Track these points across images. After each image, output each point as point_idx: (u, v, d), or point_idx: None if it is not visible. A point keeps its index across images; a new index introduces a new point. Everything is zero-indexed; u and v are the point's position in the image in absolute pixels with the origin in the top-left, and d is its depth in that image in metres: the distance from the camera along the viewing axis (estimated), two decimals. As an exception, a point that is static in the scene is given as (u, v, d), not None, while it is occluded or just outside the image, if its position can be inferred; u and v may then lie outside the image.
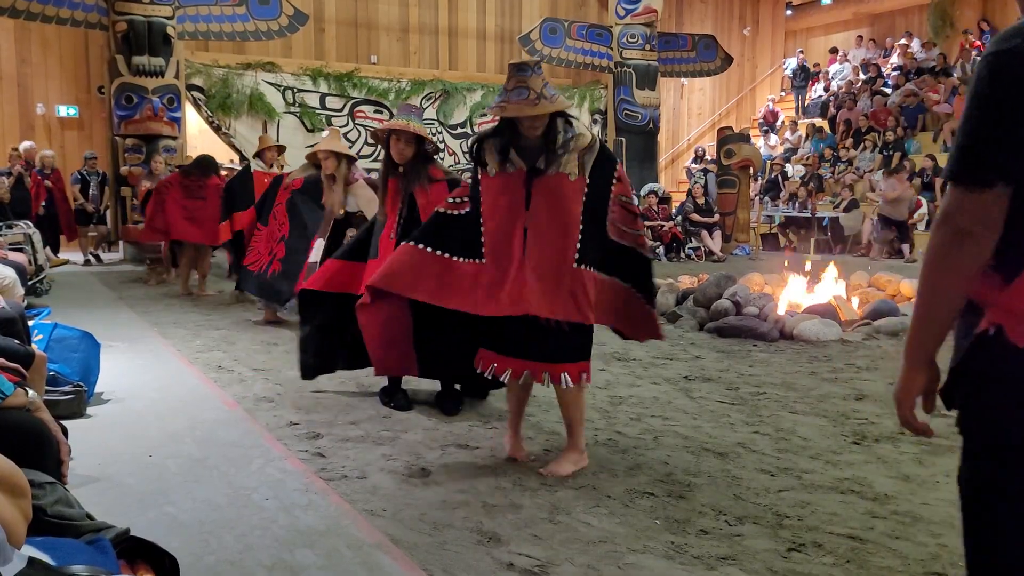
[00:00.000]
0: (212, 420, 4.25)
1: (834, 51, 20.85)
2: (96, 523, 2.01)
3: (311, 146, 12.91)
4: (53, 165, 12.53)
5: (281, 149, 9.67)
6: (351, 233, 6.03)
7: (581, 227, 3.39)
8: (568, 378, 3.39)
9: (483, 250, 3.50)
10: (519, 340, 3.41)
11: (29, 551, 1.52)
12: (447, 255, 3.55)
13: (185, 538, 2.79)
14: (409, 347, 4.04)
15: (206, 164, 9.65)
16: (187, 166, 10.04)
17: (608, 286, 3.48)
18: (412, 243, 3.64)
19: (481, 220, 3.53)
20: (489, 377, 3.52)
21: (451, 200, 3.69)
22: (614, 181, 3.48)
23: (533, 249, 3.38)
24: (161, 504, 3.11)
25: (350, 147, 15.10)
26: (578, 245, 3.38)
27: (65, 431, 3.00)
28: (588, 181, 3.42)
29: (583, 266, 3.38)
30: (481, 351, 3.54)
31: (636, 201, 15.18)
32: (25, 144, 12.77)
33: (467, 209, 3.61)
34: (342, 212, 6.33)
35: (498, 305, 3.38)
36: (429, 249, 3.58)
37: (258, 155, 9.19)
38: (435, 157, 4.69)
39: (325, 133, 7.80)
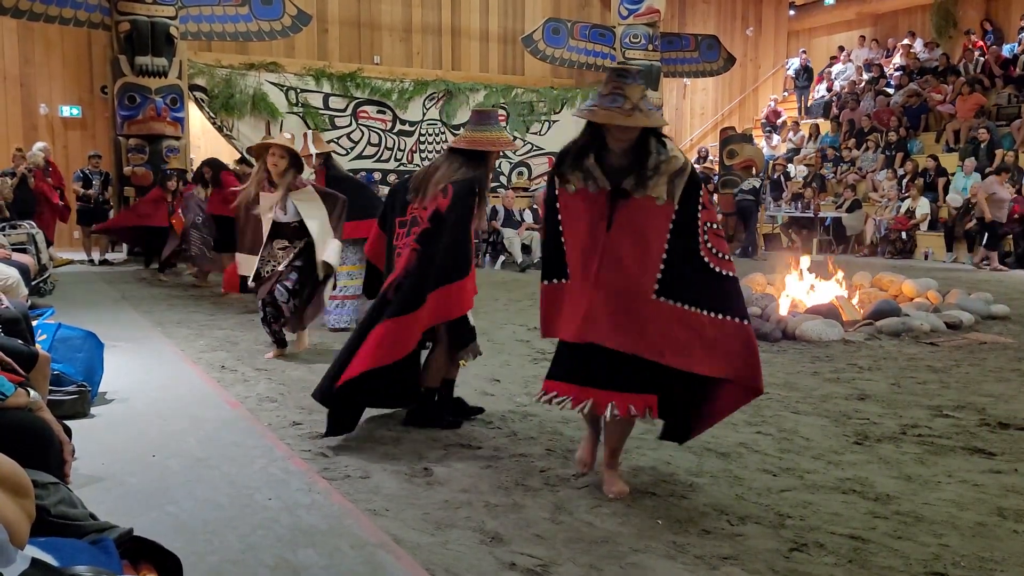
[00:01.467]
0: (215, 420, 4.25)
1: (841, 49, 20.85)
2: (99, 523, 2.02)
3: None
4: (44, 159, 12.44)
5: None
6: (280, 245, 5.78)
7: (664, 256, 3.13)
8: (633, 410, 3.13)
9: (567, 269, 3.29)
10: (584, 366, 3.20)
11: (32, 551, 1.52)
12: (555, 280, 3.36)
13: (188, 538, 2.80)
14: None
15: (215, 168, 9.70)
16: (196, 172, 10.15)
17: (687, 317, 3.14)
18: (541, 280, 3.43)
19: (563, 239, 3.30)
20: (554, 405, 3.29)
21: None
22: (700, 207, 3.18)
23: (609, 275, 3.15)
24: (164, 504, 3.12)
25: (352, 147, 15.16)
26: (659, 275, 3.12)
27: (69, 431, 3.01)
28: (677, 207, 3.13)
29: (662, 298, 3.12)
30: (548, 382, 3.31)
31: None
32: (39, 145, 12.77)
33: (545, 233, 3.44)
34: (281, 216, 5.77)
35: (569, 330, 3.21)
36: (546, 282, 3.40)
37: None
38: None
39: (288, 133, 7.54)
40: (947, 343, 6.55)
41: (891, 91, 18.23)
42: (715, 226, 3.23)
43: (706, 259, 3.15)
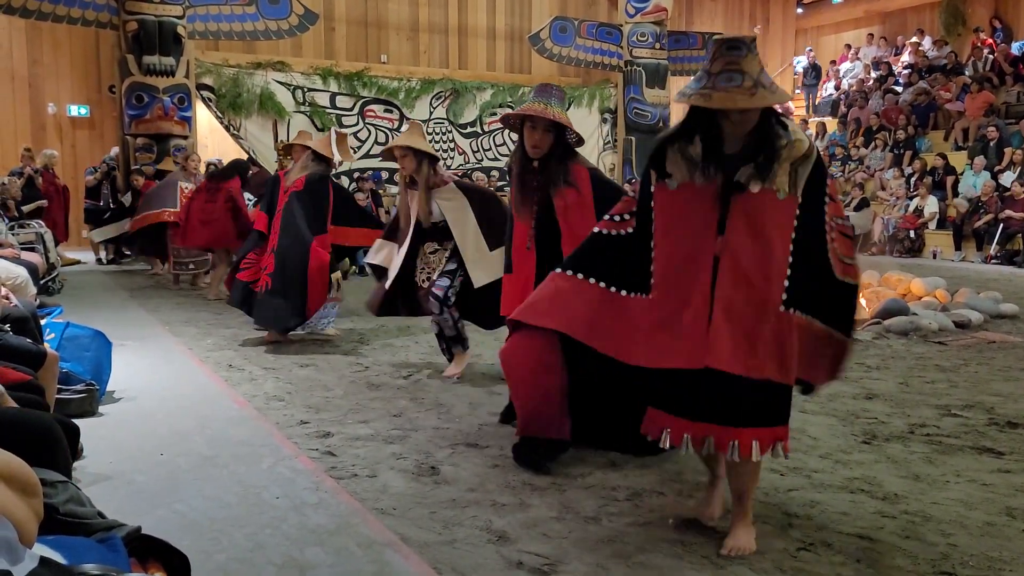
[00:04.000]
0: (223, 418, 4.26)
1: (848, 47, 20.78)
2: (107, 521, 2.02)
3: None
4: (48, 164, 12.48)
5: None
6: (431, 249, 5.20)
7: (791, 260, 2.66)
8: (758, 447, 2.61)
9: (651, 281, 2.80)
10: (699, 397, 2.65)
11: (41, 550, 1.53)
12: (607, 286, 2.90)
13: (195, 536, 2.80)
14: (563, 403, 3.33)
15: (229, 167, 9.57)
16: (217, 171, 10.07)
17: (808, 330, 2.75)
18: (563, 271, 3.02)
19: (652, 243, 2.81)
20: (664, 446, 2.74)
21: (611, 218, 3.01)
22: (827, 199, 2.73)
23: (727, 285, 2.64)
24: (172, 502, 3.12)
25: (359, 146, 15.16)
26: (786, 283, 2.64)
27: (77, 429, 3.02)
28: (800, 200, 2.68)
29: (791, 310, 2.66)
30: (650, 411, 2.79)
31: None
32: (115, 150, 12.83)
33: (631, 228, 2.94)
34: (430, 222, 5.14)
35: (673, 355, 2.67)
36: (581, 276, 2.96)
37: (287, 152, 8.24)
38: (576, 151, 3.94)
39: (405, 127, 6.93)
40: (956, 342, 6.53)
41: (899, 89, 18.17)
42: (841, 221, 2.81)
43: (832, 263, 2.75)
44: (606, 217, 3.03)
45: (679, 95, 2.67)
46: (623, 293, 2.86)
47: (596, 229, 3.03)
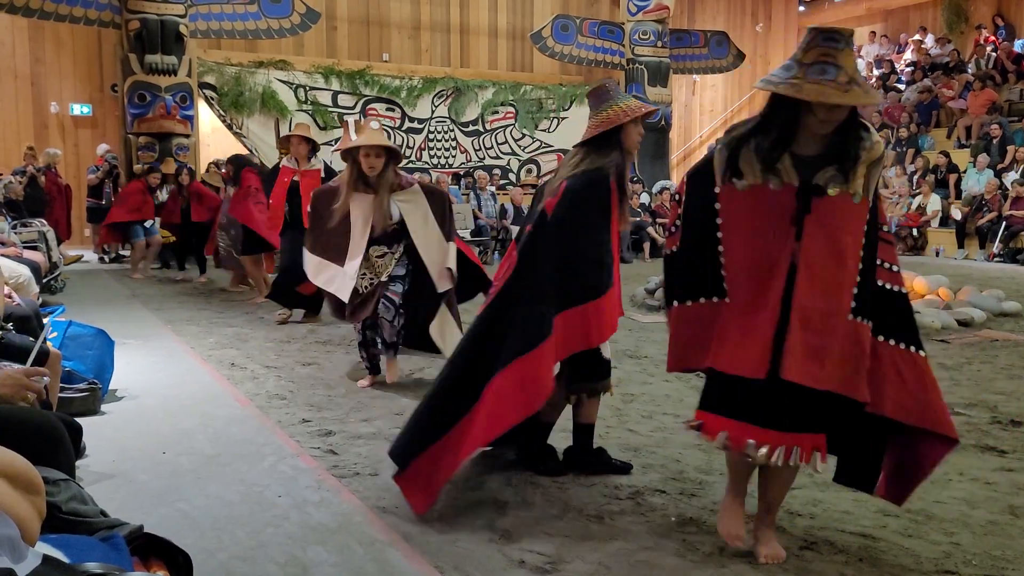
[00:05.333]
0: (225, 417, 4.27)
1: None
2: (110, 520, 2.02)
3: (326, 143, 12.98)
4: (51, 163, 12.48)
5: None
6: (378, 253, 4.88)
7: (860, 266, 2.56)
8: (818, 456, 2.56)
9: (725, 286, 2.64)
10: (768, 404, 2.54)
11: (43, 548, 1.53)
12: (708, 298, 2.72)
13: (198, 534, 2.80)
14: None
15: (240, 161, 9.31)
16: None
17: (882, 348, 2.61)
18: (670, 305, 2.83)
19: (721, 249, 2.63)
20: (721, 446, 2.65)
21: (670, 232, 2.88)
22: (878, 203, 2.63)
23: (806, 295, 2.50)
24: (174, 501, 3.13)
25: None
26: (855, 290, 2.55)
27: (80, 428, 3.02)
28: (871, 205, 2.58)
29: (860, 318, 2.56)
30: (705, 414, 2.67)
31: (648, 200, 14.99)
32: (102, 147, 12.82)
33: (678, 243, 2.81)
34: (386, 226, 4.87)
35: (742, 363, 2.55)
36: (690, 303, 2.75)
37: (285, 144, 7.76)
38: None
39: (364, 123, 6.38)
40: (958, 340, 6.52)
41: (902, 87, 18.14)
42: (887, 228, 2.69)
43: (880, 268, 2.63)
44: (667, 234, 2.93)
45: (763, 82, 2.49)
46: (714, 300, 2.69)
47: (665, 251, 2.92)
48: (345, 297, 4.81)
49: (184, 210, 10.32)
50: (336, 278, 4.88)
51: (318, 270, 4.99)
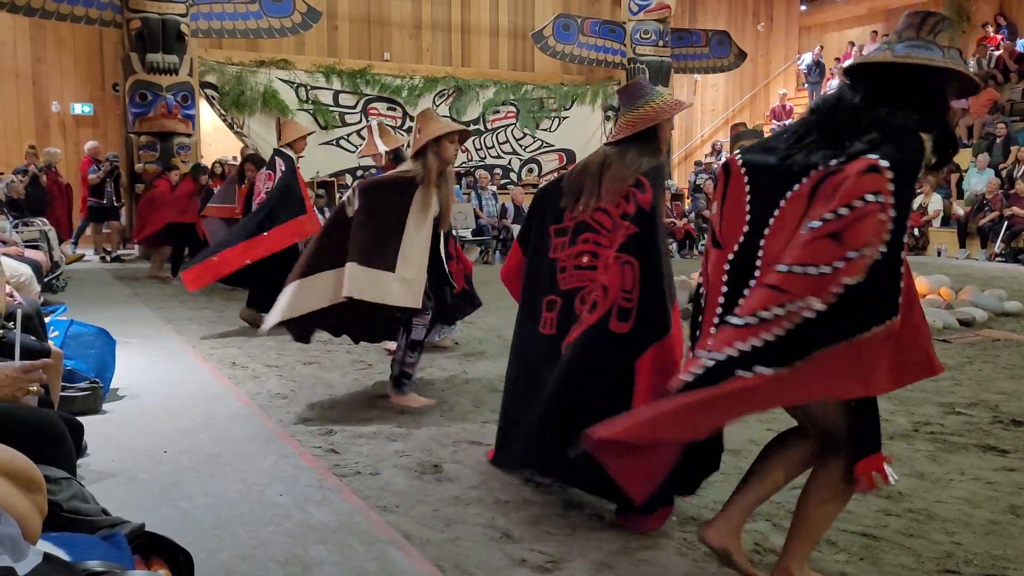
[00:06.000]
0: (226, 416, 4.27)
1: (851, 44, 20.73)
2: (111, 518, 2.02)
3: (327, 143, 13.01)
4: (51, 162, 12.47)
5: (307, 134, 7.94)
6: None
7: None
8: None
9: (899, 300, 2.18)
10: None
11: (44, 546, 1.53)
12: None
13: (199, 533, 2.80)
14: None
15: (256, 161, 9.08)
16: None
17: None
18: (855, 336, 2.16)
19: (902, 255, 2.16)
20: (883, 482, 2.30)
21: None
22: None
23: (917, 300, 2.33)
24: (175, 499, 3.13)
25: (362, 143, 15.16)
26: None
27: (81, 427, 3.02)
28: None
29: None
30: (869, 461, 2.31)
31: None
32: (89, 144, 12.81)
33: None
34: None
35: (893, 377, 2.26)
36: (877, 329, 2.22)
37: (288, 145, 7.32)
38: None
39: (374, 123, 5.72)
40: (960, 340, 6.52)
41: (903, 86, 18.11)
42: None
43: None
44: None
45: (919, 55, 2.18)
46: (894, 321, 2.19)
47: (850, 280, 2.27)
48: (418, 303, 4.34)
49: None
50: (392, 288, 4.29)
51: (371, 283, 4.29)
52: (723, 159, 2.81)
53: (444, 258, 4.63)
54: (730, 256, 2.33)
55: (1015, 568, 2.62)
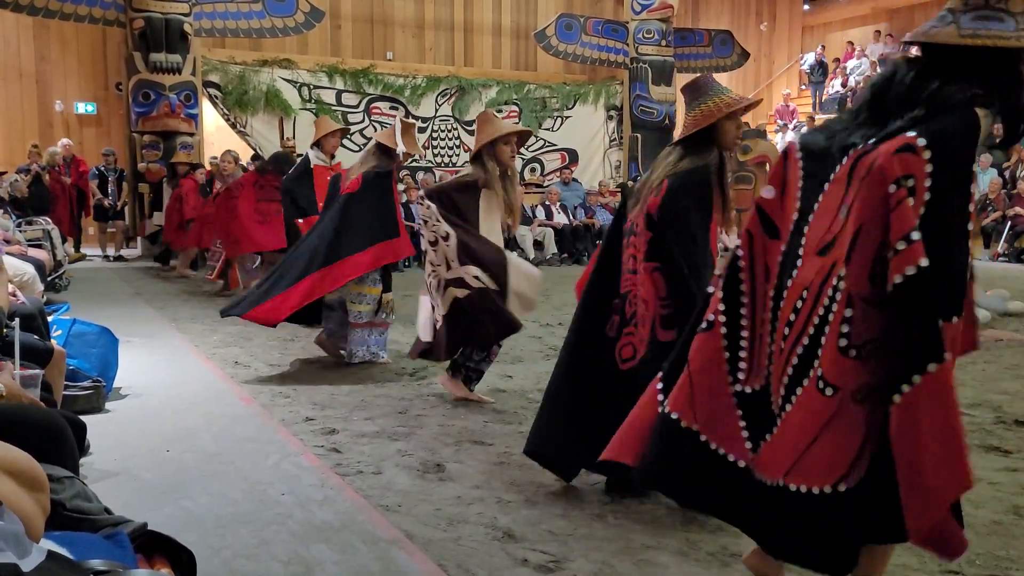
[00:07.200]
0: (229, 415, 4.27)
1: (851, 44, 20.71)
2: (114, 517, 2.03)
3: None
4: (53, 162, 12.45)
5: (344, 132, 7.56)
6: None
7: None
8: None
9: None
10: None
11: (47, 545, 1.53)
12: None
13: (201, 532, 2.81)
14: None
15: (282, 160, 8.91)
16: (262, 164, 9.76)
17: None
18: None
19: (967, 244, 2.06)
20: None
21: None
22: None
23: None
24: (178, 499, 3.13)
25: (365, 143, 15.16)
26: None
27: (84, 426, 3.03)
28: None
29: None
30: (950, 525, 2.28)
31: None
32: (63, 142, 12.80)
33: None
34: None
35: None
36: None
37: (316, 144, 6.93)
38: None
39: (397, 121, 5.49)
40: (962, 340, 6.50)
41: (906, 86, 18.09)
42: None
43: None
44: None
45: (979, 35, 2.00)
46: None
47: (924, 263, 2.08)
48: (534, 308, 4.44)
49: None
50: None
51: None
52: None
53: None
54: (783, 247, 2.19)
55: (1018, 568, 2.62)
